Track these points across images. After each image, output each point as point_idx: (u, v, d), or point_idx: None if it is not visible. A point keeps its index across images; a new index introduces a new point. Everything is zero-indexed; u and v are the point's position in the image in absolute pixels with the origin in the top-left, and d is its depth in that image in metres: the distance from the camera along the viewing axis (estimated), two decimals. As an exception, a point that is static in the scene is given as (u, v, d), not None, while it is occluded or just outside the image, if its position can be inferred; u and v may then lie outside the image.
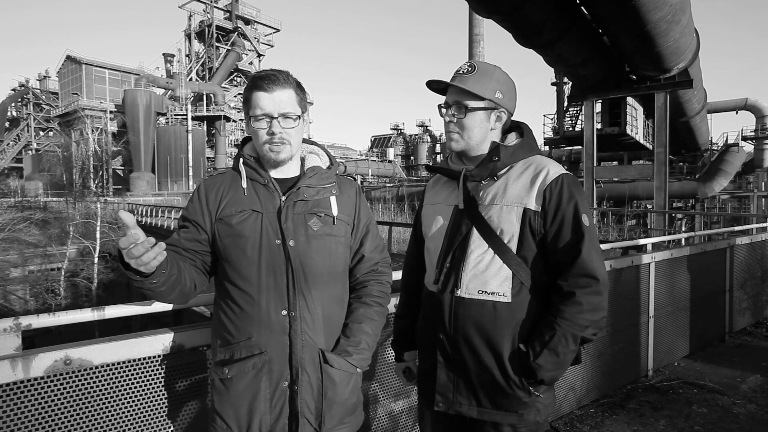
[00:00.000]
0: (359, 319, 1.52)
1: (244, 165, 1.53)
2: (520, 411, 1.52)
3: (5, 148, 52.99)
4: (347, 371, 1.47)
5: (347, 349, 1.47)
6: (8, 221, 22.82)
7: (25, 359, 1.45)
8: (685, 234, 5.79)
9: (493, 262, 1.53)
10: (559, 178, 1.52)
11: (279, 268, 1.43)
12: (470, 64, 1.59)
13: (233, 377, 1.41)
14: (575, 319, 1.46)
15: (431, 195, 1.79)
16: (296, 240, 1.44)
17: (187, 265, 1.47)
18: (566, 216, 1.50)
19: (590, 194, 18.61)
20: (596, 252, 1.50)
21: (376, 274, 1.62)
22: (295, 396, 1.42)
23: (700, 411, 3.52)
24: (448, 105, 1.60)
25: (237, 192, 1.50)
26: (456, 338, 1.56)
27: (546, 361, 1.46)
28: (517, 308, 1.52)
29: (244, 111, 1.52)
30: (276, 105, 1.44)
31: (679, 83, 16.44)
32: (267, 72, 1.47)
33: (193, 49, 53.44)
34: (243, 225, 1.45)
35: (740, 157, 26.82)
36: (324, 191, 1.54)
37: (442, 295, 1.59)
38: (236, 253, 1.45)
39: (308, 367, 1.43)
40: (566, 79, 28.38)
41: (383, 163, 57.17)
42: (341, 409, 1.47)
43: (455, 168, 1.67)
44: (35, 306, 21.17)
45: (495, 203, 1.56)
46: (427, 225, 1.74)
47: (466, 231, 1.58)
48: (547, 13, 12.27)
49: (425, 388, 1.70)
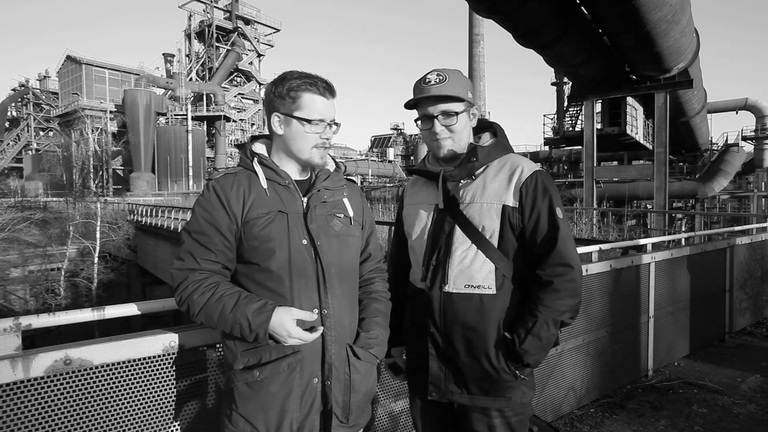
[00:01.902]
0: (373, 313, 1.59)
1: (261, 165, 1.50)
2: (507, 395, 1.64)
3: (5, 148, 52.99)
4: (370, 363, 1.54)
5: (368, 342, 1.53)
6: (8, 221, 22.82)
7: (25, 359, 1.45)
8: (685, 234, 5.79)
9: (477, 258, 1.63)
10: (534, 175, 1.63)
11: (309, 268, 1.45)
12: (438, 73, 1.66)
13: (264, 379, 1.40)
14: (554, 305, 1.57)
15: (410, 196, 1.87)
16: (322, 240, 1.48)
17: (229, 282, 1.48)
18: (542, 210, 1.61)
19: (590, 194, 18.63)
20: (570, 242, 1.62)
21: (379, 271, 1.70)
22: (327, 391, 1.45)
23: (700, 411, 3.52)
24: (432, 116, 1.66)
25: (259, 192, 1.47)
26: (447, 331, 1.66)
27: (531, 345, 1.57)
28: (502, 299, 1.63)
29: (285, 108, 1.46)
30: (332, 113, 1.50)
31: (679, 83, 16.45)
32: (321, 78, 1.49)
33: (193, 49, 53.44)
34: (271, 227, 1.43)
35: (740, 157, 26.82)
36: (337, 193, 1.58)
37: (431, 291, 1.68)
38: (265, 254, 1.43)
39: (338, 363, 1.47)
40: (566, 79, 28.40)
41: (383, 163, 57.16)
42: (365, 400, 1.55)
43: (433, 169, 1.75)
44: (35, 306, 21.19)
45: (475, 201, 1.66)
46: (410, 225, 1.81)
47: (449, 229, 1.67)
48: (547, 13, 12.28)
49: (416, 380, 1.78)
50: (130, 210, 27.06)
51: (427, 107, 1.66)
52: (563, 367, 3.34)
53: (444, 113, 1.65)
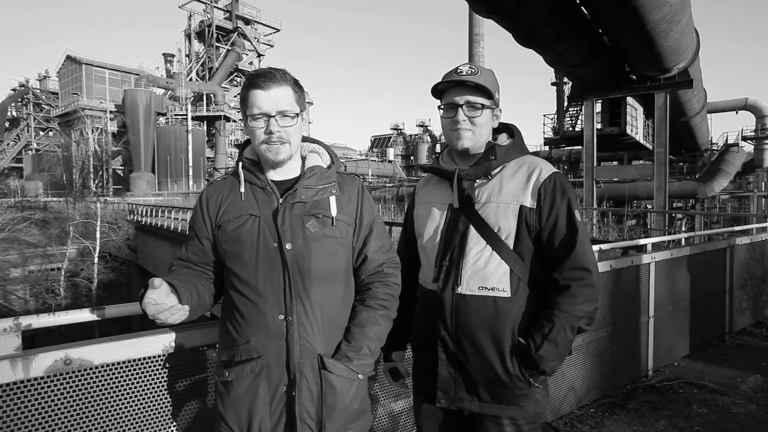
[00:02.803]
0: (362, 323, 1.47)
1: (243, 168, 1.51)
2: (520, 403, 1.57)
3: (5, 148, 52.98)
4: (348, 377, 1.41)
5: (348, 355, 1.42)
6: (8, 221, 22.82)
7: (25, 359, 1.45)
8: (685, 234, 5.79)
9: (492, 259, 1.58)
10: (552, 177, 1.60)
11: (276, 272, 1.41)
12: (471, 66, 1.64)
13: (233, 380, 1.41)
14: (572, 310, 1.52)
15: (423, 195, 1.83)
16: (293, 243, 1.42)
17: (203, 280, 1.50)
18: (561, 212, 1.57)
19: (590, 194, 18.62)
20: (588, 246, 1.58)
21: (381, 276, 1.55)
22: (293, 401, 1.39)
23: (700, 411, 3.52)
24: (457, 104, 1.63)
25: (235, 197, 1.49)
26: (458, 335, 1.60)
27: (547, 352, 1.51)
28: (517, 303, 1.58)
29: (242, 111, 1.48)
30: (273, 103, 1.41)
31: (679, 83, 16.44)
32: (263, 70, 1.45)
33: (193, 49, 53.44)
34: (240, 230, 1.44)
35: (740, 157, 26.81)
36: (323, 191, 1.49)
37: (443, 293, 1.62)
38: (235, 258, 1.45)
39: (307, 373, 1.40)
40: (566, 79, 28.39)
41: (383, 163, 57.16)
42: (343, 416, 1.42)
43: (448, 168, 1.71)
44: (35, 306, 21.19)
45: (491, 201, 1.61)
46: (421, 224, 1.76)
47: (464, 229, 1.62)
48: (547, 13, 12.27)
49: (424, 386, 1.72)
50: (130, 210, 27.07)
51: (454, 96, 1.63)
52: (563, 367, 3.33)
53: (469, 104, 1.62)
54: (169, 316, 1.31)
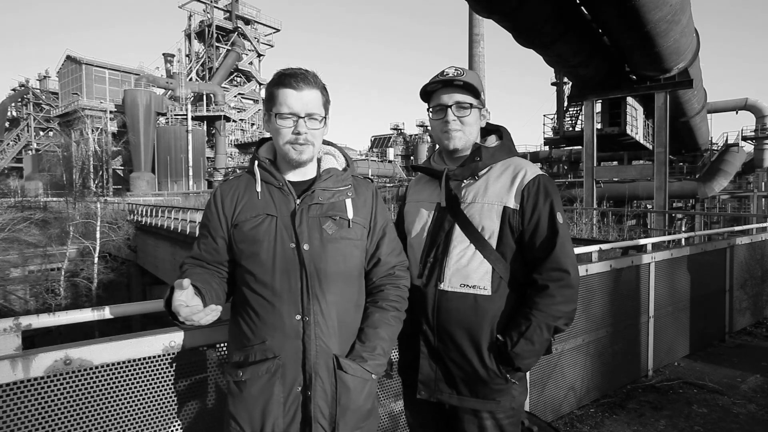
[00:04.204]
0: (375, 324, 1.49)
1: (259, 167, 1.51)
2: (497, 398, 1.63)
3: (5, 148, 52.99)
4: (362, 377, 1.43)
5: (362, 355, 1.44)
6: (8, 221, 22.84)
7: (25, 359, 1.45)
8: (685, 234, 5.79)
9: (475, 257, 1.63)
10: (536, 179, 1.64)
11: (293, 273, 1.41)
12: (456, 68, 1.69)
13: (247, 380, 1.41)
14: (549, 310, 1.56)
15: (414, 193, 1.88)
16: (311, 244, 1.43)
17: (216, 279, 1.49)
18: (542, 214, 1.61)
19: (590, 194, 18.62)
20: (569, 248, 1.61)
21: (392, 278, 1.58)
22: (308, 401, 1.40)
23: (700, 411, 3.52)
24: (446, 105, 1.68)
25: (252, 196, 1.49)
26: (440, 330, 1.66)
27: (522, 349, 1.56)
28: (497, 301, 1.62)
29: (266, 107, 1.48)
30: (304, 104, 1.43)
31: (679, 83, 16.44)
32: (295, 70, 1.45)
33: (193, 49, 53.46)
34: (257, 229, 1.44)
35: (740, 157, 26.81)
36: (339, 194, 1.52)
37: (426, 288, 1.67)
38: (251, 257, 1.44)
39: (322, 373, 1.41)
40: (566, 79, 28.39)
41: (383, 163, 57.10)
42: (356, 416, 1.44)
43: (438, 168, 1.77)
44: (35, 306, 21.20)
45: (476, 201, 1.66)
46: (410, 222, 1.82)
47: (449, 228, 1.67)
48: (547, 13, 12.27)
49: (407, 378, 1.78)
50: (130, 210, 27.07)
51: (442, 96, 1.68)
52: (563, 367, 3.34)
53: (458, 104, 1.67)
54: (203, 317, 1.31)
